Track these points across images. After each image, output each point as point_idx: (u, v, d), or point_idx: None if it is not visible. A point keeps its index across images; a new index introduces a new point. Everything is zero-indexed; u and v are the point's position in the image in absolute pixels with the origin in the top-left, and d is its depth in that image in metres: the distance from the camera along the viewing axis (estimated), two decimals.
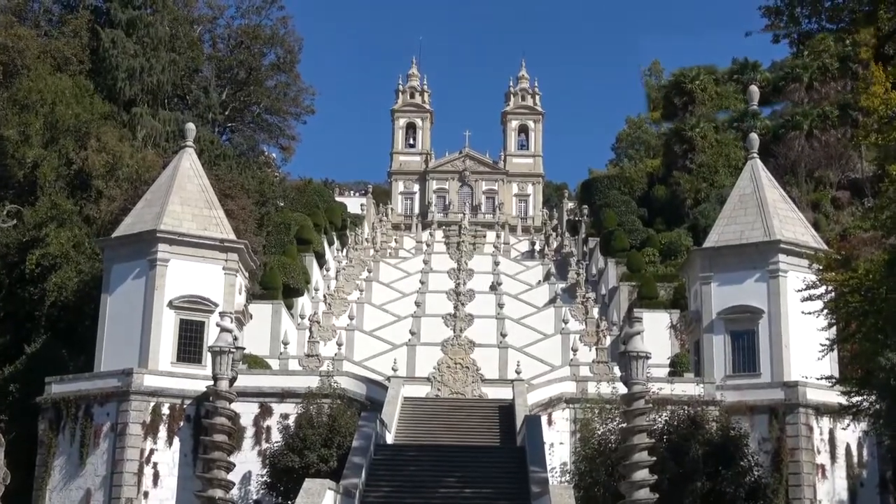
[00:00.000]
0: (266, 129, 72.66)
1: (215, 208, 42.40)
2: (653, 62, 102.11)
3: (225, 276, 40.96)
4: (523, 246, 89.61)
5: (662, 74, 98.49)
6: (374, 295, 67.33)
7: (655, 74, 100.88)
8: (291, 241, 62.34)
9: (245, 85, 70.16)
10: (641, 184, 76.77)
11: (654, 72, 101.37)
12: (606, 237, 67.77)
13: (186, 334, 39.74)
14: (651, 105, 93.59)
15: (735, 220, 42.21)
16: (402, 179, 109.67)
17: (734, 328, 40.32)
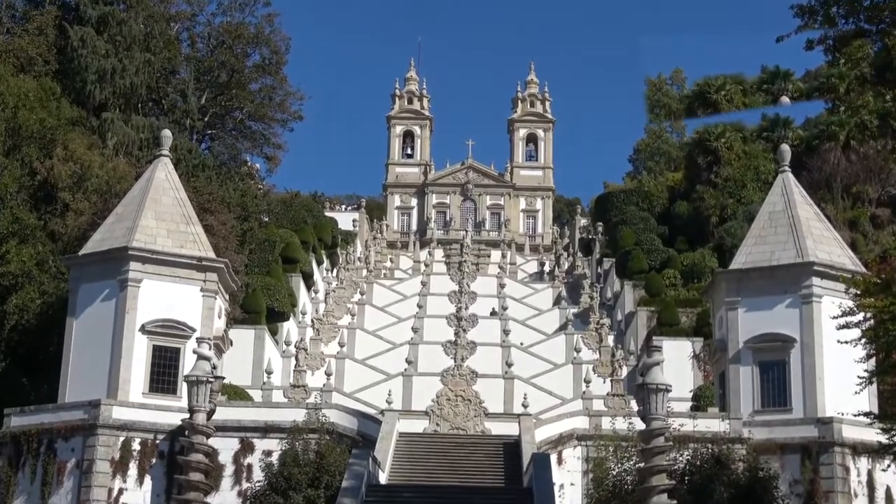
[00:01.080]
0: (249, 137, 72.83)
1: (193, 224, 42.46)
2: (674, 70, 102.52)
3: (203, 298, 40.96)
4: (531, 267, 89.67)
5: (685, 83, 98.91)
6: (367, 320, 67.30)
7: (678, 83, 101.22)
8: (276, 260, 62.38)
9: (227, 88, 70.39)
10: (661, 199, 76.91)
11: (676, 80, 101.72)
12: (623, 258, 67.84)
13: (160, 362, 39.70)
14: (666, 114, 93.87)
15: (764, 240, 42.26)
16: (399, 193, 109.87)
17: (763, 358, 40.29)
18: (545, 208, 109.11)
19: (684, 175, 78.05)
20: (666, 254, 67.23)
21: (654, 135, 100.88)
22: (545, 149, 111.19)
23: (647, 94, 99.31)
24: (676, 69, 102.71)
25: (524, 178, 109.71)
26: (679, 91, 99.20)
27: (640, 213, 74.52)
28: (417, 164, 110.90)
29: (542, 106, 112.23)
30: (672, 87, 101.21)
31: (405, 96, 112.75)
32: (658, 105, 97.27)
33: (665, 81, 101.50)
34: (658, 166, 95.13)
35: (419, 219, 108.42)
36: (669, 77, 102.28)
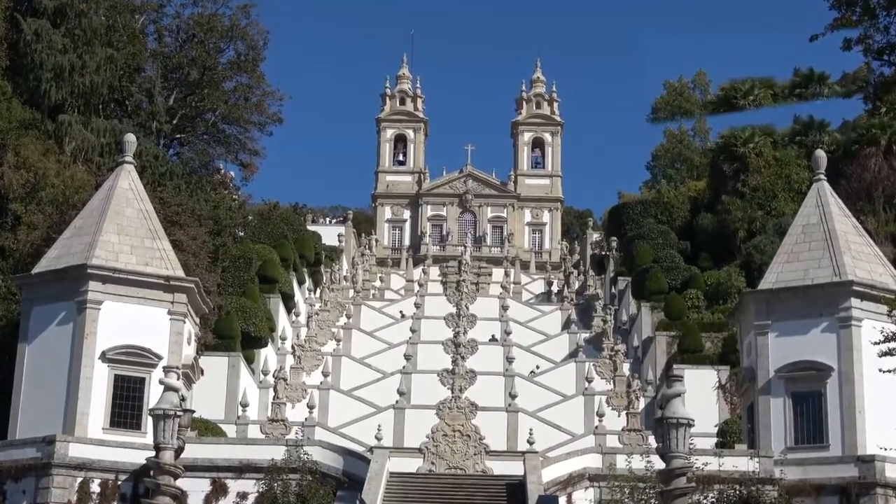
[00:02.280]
0: (223, 142, 72.85)
1: (159, 239, 42.50)
2: (697, 73, 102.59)
3: (171, 321, 40.95)
4: (538, 286, 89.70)
5: (709, 87, 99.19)
6: (353, 346, 67.25)
7: (700, 87, 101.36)
8: (253, 280, 62.38)
9: (198, 88, 70.46)
10: (683, 211, 77.01)
11: (699, 83, 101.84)
12: (640, 276, 67.88)
13: (122, 394, 39.65)
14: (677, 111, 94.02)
15: (797, 257, 42.32)
16: (390, 204, 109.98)
17: (797, 389, 40.26)
18: (553, 221, 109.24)
19: (708, 184, 78.17)
20: (688, 272, 67.27)
21: (675, 139, 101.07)
22: (553, 155, 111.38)
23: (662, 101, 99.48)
24: (700, 71, 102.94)
25: (529, 187, 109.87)
26: (702, 96, 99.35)
27: (658, 226, 74.58)
28: (410, 171, 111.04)
29: (550, 107, 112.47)
30: (694, 92, 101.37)
31: (397, 96, 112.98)
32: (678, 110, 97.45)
33: (686, 85, 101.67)
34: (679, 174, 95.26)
35: (412, 233, 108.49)
36: (692, 80, 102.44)
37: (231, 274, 60.64)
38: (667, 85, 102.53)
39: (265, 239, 70.35)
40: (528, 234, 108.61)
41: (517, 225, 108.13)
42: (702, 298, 64.35)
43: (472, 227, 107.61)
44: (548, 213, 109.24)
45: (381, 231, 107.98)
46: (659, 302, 63.96)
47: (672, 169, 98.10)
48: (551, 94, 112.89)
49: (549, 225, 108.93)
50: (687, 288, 65.39)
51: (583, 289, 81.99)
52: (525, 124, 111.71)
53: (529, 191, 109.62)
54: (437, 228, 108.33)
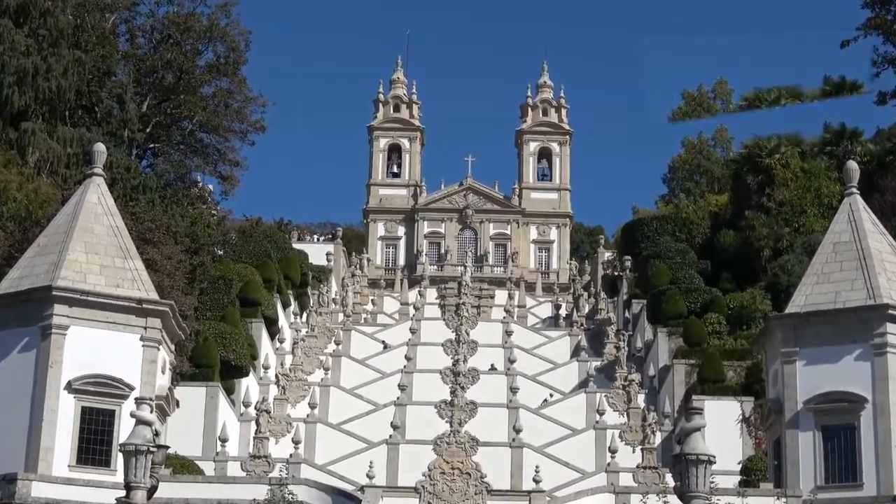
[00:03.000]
0: (201, 152, 73.03)
1: (131, 258, 42.48)
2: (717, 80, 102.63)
3: (143, 348, 40.89)
4: (544, 310, 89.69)
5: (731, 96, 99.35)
6: (343, 375, 67.19)
7: (721, 97, 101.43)
8: (233, 303, 62.37)
9: (173, 93, 70.63)
10: (703, 227, 77.06)
11: (720, 93, 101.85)
12: (656, 299, 67.90)
13: (91, 427, 39.56)
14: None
15: (828, 278, 42.31)
16: (383, 220, 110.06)
17: (827, 422, 40.19)
18: (561, 239, 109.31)
19: (730, 198, 78.26)
20: (708, 294, 67.29)
21: (694, 149, 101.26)
22: (561, 166, 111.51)
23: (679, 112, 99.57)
24: (720, 79, 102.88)
25: (536, 201, 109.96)
26: (724, 106, 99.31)
27: (676, 244, 74.64)
28: (405, 184, 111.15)
29: (558, 114, 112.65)
30: (715, 101, 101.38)
31: (390, 102, 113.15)
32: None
33: (706, 94, 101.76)
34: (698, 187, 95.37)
35: (408, 252, 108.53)
36: (711, 89, 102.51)
37: (209, 296, 60.63)
38: (685, 94, 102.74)
39: (247, 258, 70.36)
40: (534, 253, 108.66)
41: (522, 243, 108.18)
42: (724, 323, 64.32)
43: (472, 246, 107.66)
44: (555, 229, 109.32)
45: (373, 249, 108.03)
46: (677, 327, 63.93)
47: (691, 182, 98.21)
48: (559, 100, 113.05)
49: (557, 243, 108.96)
50: (707, 312, 65.38)
51: (593, 313, 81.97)
52: (530, 133, 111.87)
53: (535, 205, 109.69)
54: (435, 247, 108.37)
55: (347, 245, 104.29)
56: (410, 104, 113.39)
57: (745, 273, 69.80)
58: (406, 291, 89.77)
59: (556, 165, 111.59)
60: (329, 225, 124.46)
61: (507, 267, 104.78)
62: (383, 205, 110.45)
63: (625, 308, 77.24)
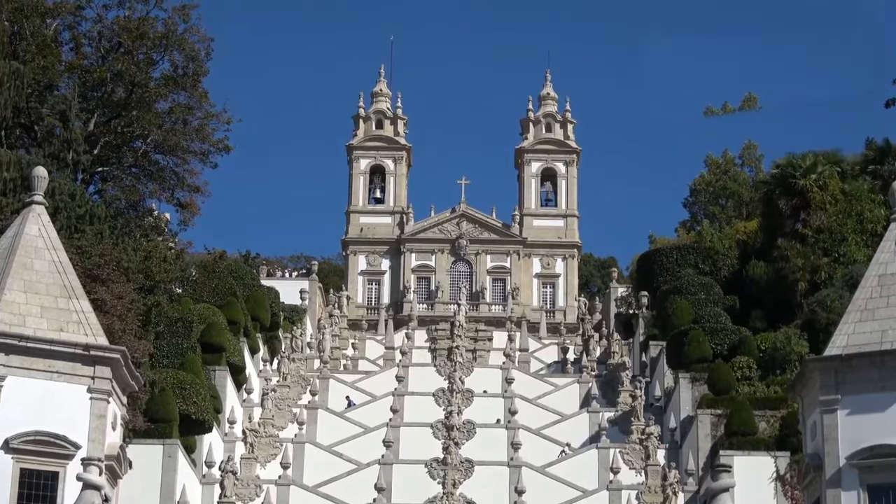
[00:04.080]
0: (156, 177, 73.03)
1: (77, 298, 42.47)
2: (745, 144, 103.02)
3: (91, 401, 40.83)
4: (550, 354, 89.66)
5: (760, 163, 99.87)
6: (320, 430, 67.07)
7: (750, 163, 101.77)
8: (194, 349, 62.33)
9: (124, 109, 70.68)
10: (730, 258, 77.21)
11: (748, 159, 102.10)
12: (677, 340, 67.93)
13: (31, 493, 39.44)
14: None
15: (873, 315, 42.31)
16: (365, 252, 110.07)
17: (873, 481, 40.10)
18: (568, 272, 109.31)
19: (761, 225, 78.42)
20: (737, 335, 67.34)
21: (719, 169, 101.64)
22: (567, 189, 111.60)
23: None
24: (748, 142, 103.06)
25: (539, 230, 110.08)
26: (752, 174, 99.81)
27: (700, 278, 74.74)
28: (390, 211, 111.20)
29: (563, 130, 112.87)
30: (742, 169, 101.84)
31: (372, 118, 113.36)
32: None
33: (732, 160, 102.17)
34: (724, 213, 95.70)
35: (393, 288, 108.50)
36: (739, 154, 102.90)
37: (167, 341, 60.54)
38: (708, 161, 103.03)
39: (209, 297, 70.30)
40: (538, 289, 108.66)
41: (524, 277, 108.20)
42: (754, 368, 64.36)
43: (467, 281, 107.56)
44: (562, 261, 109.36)
45: (353, 286, 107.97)
46: (701, 372, 63.95)
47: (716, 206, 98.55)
48: (565, 114, 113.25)
49: (564, 277, 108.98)
50: (736, 355, 65.39)
51: (606, 357, 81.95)
52: (532, 152, 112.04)
53: (538, 234, 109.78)
54: (424, 282, 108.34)
55: (324, 281, 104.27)
56: (395, 120, 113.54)
57: (779, 310, 69.85)
58: (391, 334, 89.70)
59: (561, 188, 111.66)
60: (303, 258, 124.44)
61: (506, 305, 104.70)
62: (365, 235, 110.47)
63: (641, 351, 77.26)
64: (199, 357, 62.27)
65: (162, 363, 58.79)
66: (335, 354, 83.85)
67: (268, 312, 78.53)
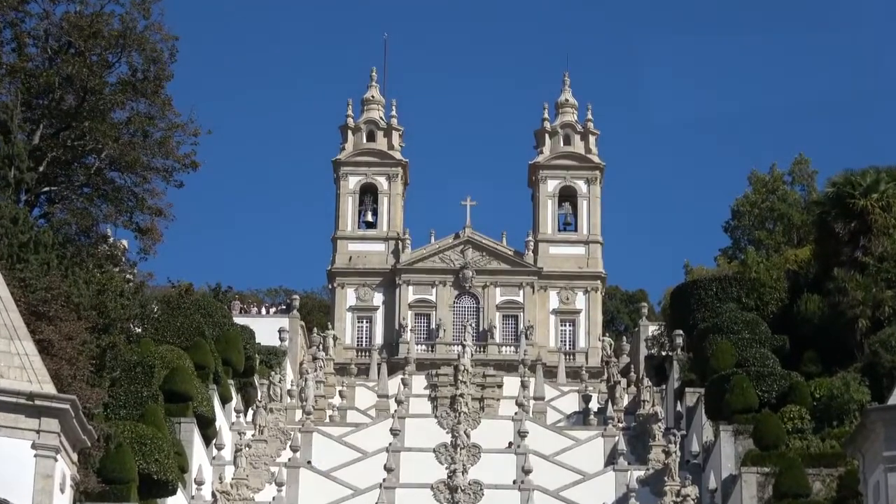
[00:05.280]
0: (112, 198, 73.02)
1: (20, 339, 42.55)
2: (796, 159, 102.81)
3: (36, 458, 40.86)
4: (569, 403, 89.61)
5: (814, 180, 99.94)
6: (302, 492, 67.00)
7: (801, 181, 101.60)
8: (155, 397, 62.36)
9: (75, 119, 70.75)
10: (779, 291, 77.13)
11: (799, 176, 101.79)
12: (718, 387, 67.89)
13: None
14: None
15: None
16: (354, 285, 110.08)
17: None
18: (591, 308, 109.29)
19: (814, 252, 78.37)
20: (787, 380, 67.31)
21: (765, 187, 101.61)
22: (590, 211, 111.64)
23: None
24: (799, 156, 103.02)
25: (556, 258, 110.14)
26: (804, 193, 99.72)
27: (744, 314, 74.67)
28: (384, 237, 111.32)
29: (585, 143, 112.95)
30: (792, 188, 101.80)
31: (363, 129, 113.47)
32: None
33: (781, 177, 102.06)
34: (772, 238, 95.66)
35: (387, 327, 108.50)
36: (788, 171, 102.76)
37: (124, 389, 60.54)
38: (752, 178, 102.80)
39: (173, 338, 70.33)
40: (555, 327, 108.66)
41: (539, 314, 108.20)
42: (807, 419, 64.28)
43: (473, 318, 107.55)
44: (583, 295, 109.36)
45: (341, 324, 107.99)
46: (746, 424, 63.93)
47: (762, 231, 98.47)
48: (586, 125, 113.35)
49: (585, 313, 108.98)
50: (786, 403, 65.37)
51: (635, 406, 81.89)
52: (549, 168, 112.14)
53: (556, 264, 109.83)
54: (423, 320, 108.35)
55: (307, 319, 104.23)
56: (389, 131, 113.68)
57: (836, 351, 69.74)
58: (385, 380, 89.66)
59: (582, 210, 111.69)
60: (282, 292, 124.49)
61: (518, 346, 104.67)
62: (354, 264, 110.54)
63: (676, 399, 77.17)
64: (161, 407, 62.24)
65: (118, 414, 58.77)
66: (320, 404, 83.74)
67: (241, 355, 78.48)
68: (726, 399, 66.29)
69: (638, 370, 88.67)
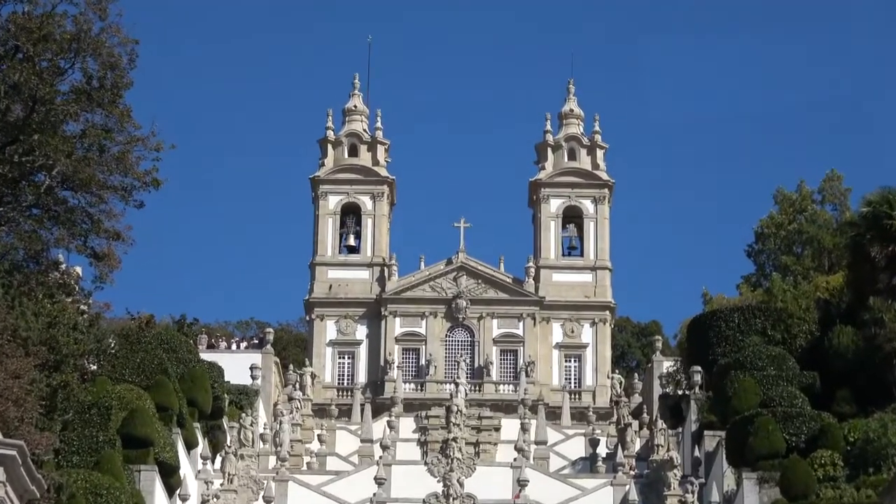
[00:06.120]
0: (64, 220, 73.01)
1: None
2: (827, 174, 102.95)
3: None
4: (575, 448, 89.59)
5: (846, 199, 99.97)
6: None
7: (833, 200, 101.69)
8: (112, 442, 62.29)
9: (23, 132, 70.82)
10: (808, 322, 77.20)
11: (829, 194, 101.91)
12: (740, 430, 67.92)
13: None
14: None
15: None
16: (335, 316, 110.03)
17: None
18: (599, 342, 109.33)
19: (847, 279, 78.42)
20: (817, 422, 67.36)
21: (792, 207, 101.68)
22: (597, 234, 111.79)
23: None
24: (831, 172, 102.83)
25: (560, 286, 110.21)
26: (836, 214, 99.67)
27: (769, 348, 74.73)
28: (368, 263, 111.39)
29: (591, 157, 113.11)
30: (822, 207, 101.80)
31: (344, 142, 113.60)
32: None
33: (809, 196, 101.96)
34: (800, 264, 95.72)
35: (371, 363, 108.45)
36: (818, 188, 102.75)
37: (77, 433, 60.49)
38: (778, 196, 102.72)
39: (132, 376, 70.27)
40: (559, 363, 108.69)
41: (541, 348, 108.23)
42: (840, 465, 64.32)
43: (467, 353, 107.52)
44: (590, 327, 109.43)
45: (320, 360, 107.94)
46: (772, 471, 64.01)
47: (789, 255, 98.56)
48: (593, 137, 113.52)
49: (593, 348, 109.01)
50: (816, 448, 65.38)
51: (648, 451, 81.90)
52: (551, 185, 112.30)
53: (560, 292, 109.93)
54: (412, 355, 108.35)
55: (281, 354, 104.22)
56: (373, 144, 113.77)
57: (872, 390, 69.84)
58: (369, 423, 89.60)
59: (589, 233, 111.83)
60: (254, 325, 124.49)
61: (518, 384, 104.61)
62: (335, 294, 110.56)
63: (694, 444, 77.18)
64: (118, 454, 62.18)
65: (71, 461, 58.69)
66: (296, 449, 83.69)
67: (209, 395, 78.41)
68: (750, 443, 66.31)
69: (651, 411, 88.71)
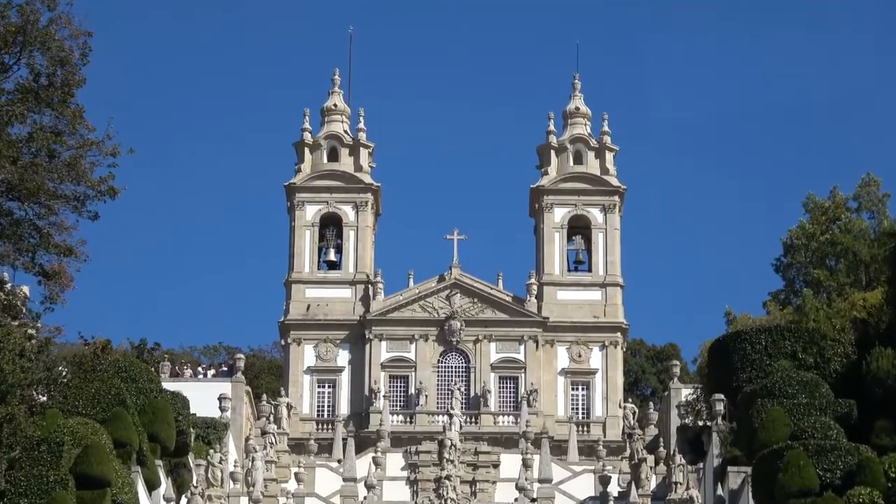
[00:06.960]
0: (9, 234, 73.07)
1: None
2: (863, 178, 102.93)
3: None
4: (584, 486, 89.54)
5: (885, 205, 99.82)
6: None
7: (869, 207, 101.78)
8: (64, 482, 62.20)
9: None
10: (843, 345, 77.21)
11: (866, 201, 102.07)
12: (769, 464, 67.97)
13: None
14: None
15: None
16: (314, 340, 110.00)
17: None
18: (609, 367, 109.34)
19: (887, 296, 78.51)
20: (854, 456, 67.37)
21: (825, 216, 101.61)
22: (607, 247, 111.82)
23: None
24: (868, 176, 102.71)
25: (566, 306, 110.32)
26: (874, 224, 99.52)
27: (800, 374, 74.77)
28: (350, 281, 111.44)
29: (600, 161, 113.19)
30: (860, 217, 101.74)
31: (323, 145, 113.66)
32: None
33: (845, 205, 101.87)
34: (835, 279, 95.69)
35: (354, 392, 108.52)
36: (853, 194, 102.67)
37: (25, 472, 60.48)
38: (809, 204, 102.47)
39: (87, 408, 70.22)
40: (565, 392, 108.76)
41: (545, 375, 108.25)
42: (881, 502, 64.33)
43: (462, 380, 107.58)
44: (599, 351, 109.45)
45: (297, 389, 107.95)
46: None
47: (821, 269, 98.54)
48: (602, 139, 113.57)
49: (603, 374, 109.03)
50: (854, 485, 65.47)
51: (665, 489, 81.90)
52: (556, 192, 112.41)
53: (566, 312, 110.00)
54: (400, 383, 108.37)
55: (253, 383, 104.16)
56: (356, 148, 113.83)
57: None
58: (352, 459, 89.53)
59: (598, 245, 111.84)
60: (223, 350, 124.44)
61: (519, 415, 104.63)
62: (313, 315, 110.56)
63: (717, 480, 77.15)
64: (72, 495, 62.16)
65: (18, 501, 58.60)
66: (270, 489, 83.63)
67: (172, 429, 78.34)
68: (779, 480, 66.34)
69: (668, 444, 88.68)
